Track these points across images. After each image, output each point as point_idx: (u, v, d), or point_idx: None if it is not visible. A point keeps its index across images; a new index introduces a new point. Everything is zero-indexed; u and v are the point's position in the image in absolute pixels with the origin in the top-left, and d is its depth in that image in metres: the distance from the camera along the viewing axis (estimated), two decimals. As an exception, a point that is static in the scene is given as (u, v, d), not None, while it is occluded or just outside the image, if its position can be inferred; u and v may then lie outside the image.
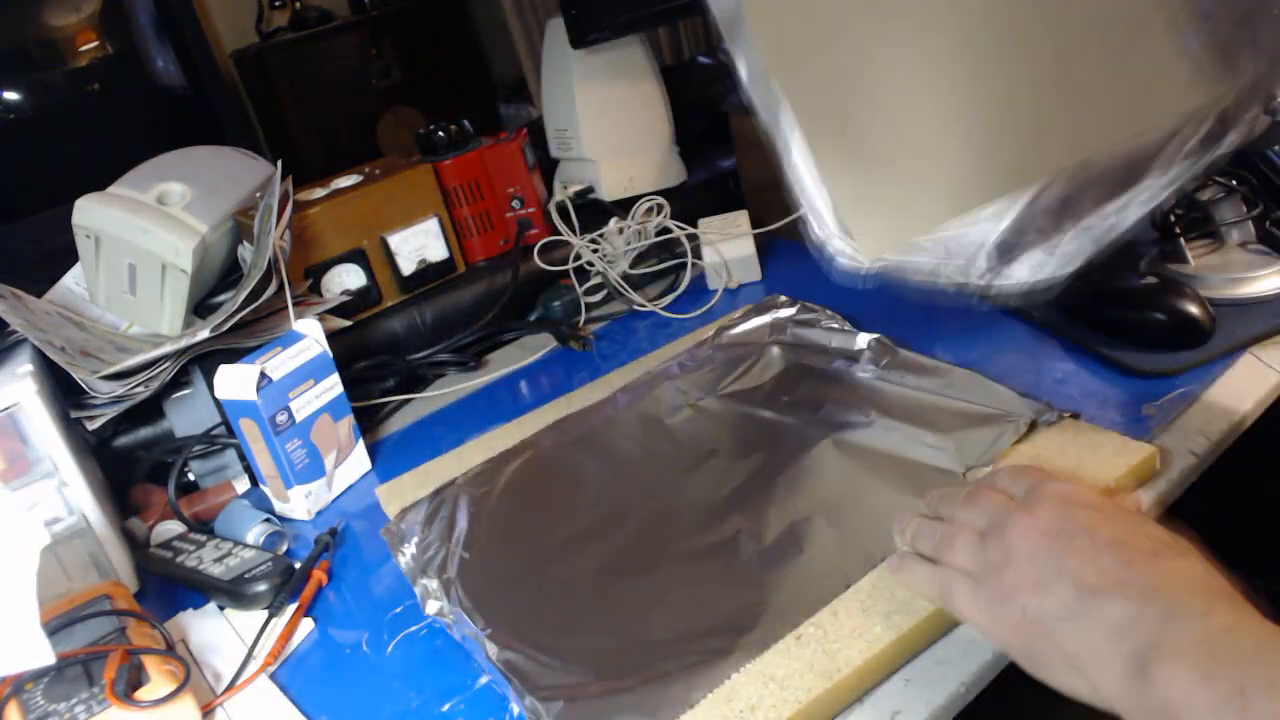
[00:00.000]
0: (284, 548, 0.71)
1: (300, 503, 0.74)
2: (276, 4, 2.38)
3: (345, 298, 0.92)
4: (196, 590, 0.67)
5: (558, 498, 0.67)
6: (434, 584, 0.60)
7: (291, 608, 0.63)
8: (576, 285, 1.00)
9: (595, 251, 1.00)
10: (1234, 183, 0.77)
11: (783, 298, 0.86)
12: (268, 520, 0.72)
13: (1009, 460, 0.58)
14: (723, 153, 1.18)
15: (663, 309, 0.97)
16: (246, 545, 0.69)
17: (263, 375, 0.71)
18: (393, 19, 2.44)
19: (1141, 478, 0.57)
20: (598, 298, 1.02)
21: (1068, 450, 0.58)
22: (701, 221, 1.01)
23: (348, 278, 0.95)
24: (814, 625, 0.50)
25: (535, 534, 0.64)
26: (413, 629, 0.59)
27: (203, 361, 0.79)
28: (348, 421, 0.79)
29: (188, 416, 0.82)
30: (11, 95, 1.99)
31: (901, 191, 0.54)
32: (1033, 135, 0.52)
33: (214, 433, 0.81)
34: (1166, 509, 0.57)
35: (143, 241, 0.84)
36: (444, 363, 0.96)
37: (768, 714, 0.45)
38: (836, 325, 0.80)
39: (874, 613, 0.50)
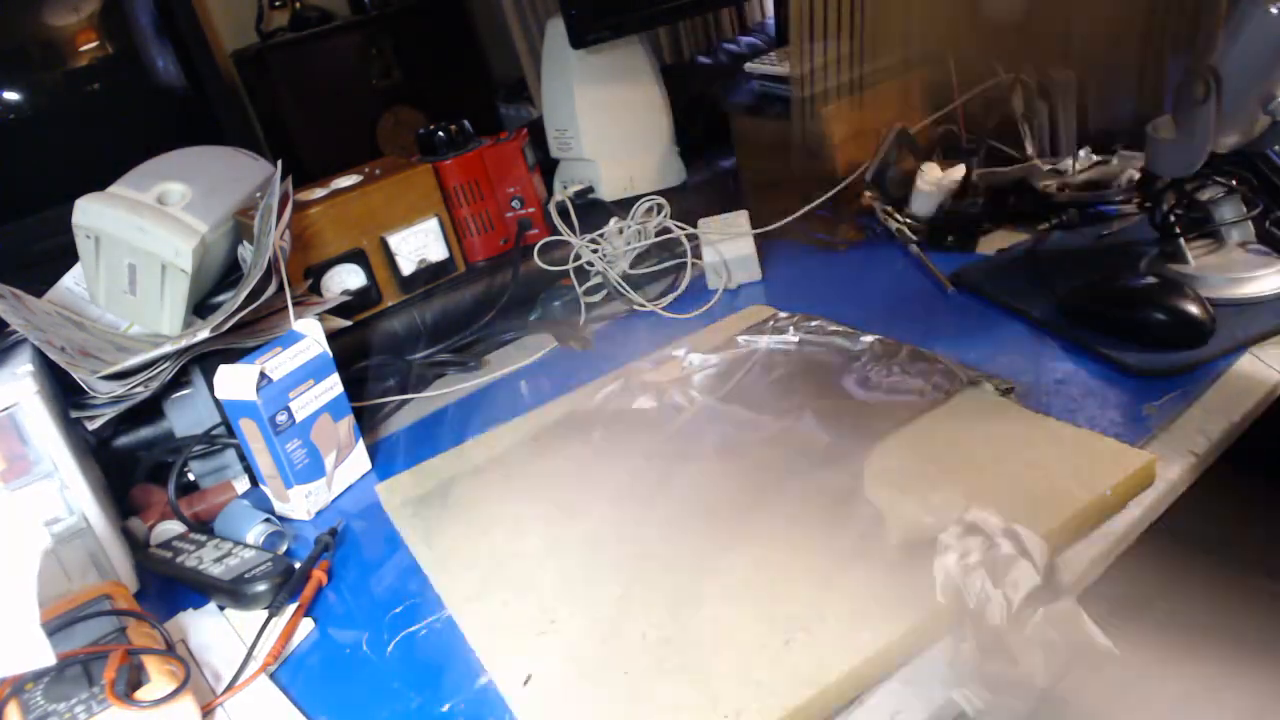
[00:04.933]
0: (284, 548, 0.71)
1: (300, 503, 0.74)
2: (276, 4, 2.38)
3: (345, 298, 0.92)
4: (196, 590, 0.67)
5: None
6: None
7: (291, 608, 0.63)
8: (576, 285, 1.00)
9: (595, 251, 1.00)
10: (1234, 183, 0.77)
11: (783, 314, 0.85)
12: (268, 520, 0.72)
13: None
14: (723, 153, 1.18)
15: (663, 309, 0.97)
16: (246, 545, 0.69)
17: (263, 375, 0.71)
18: (393, 19, 2.44)
19: (1138, 486, 0.57)
20: (598, 298, 1.02)
21: (1066, 455, 0.58)
22: (701, 221, 1.01)
23: (348, 278, 0.95)
24: (803, 631, 0.49)
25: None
26: (413, 629, 0.59)
27: (203, 361, 0.79)
28: (348, 421, 0.79)
29: (188, 416, 0.82)
30: (11, 95, 1.99)
31: None
32: None
33: (214, 433, 0.81)
34: (1167, 509, 0.57)
35: (143, 241, 0.84)
36: (444, 363, 0.96)
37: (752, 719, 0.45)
38: (837, 329, 0.80)
39: (863, 619, 0.49)
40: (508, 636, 0.55)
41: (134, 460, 0.81)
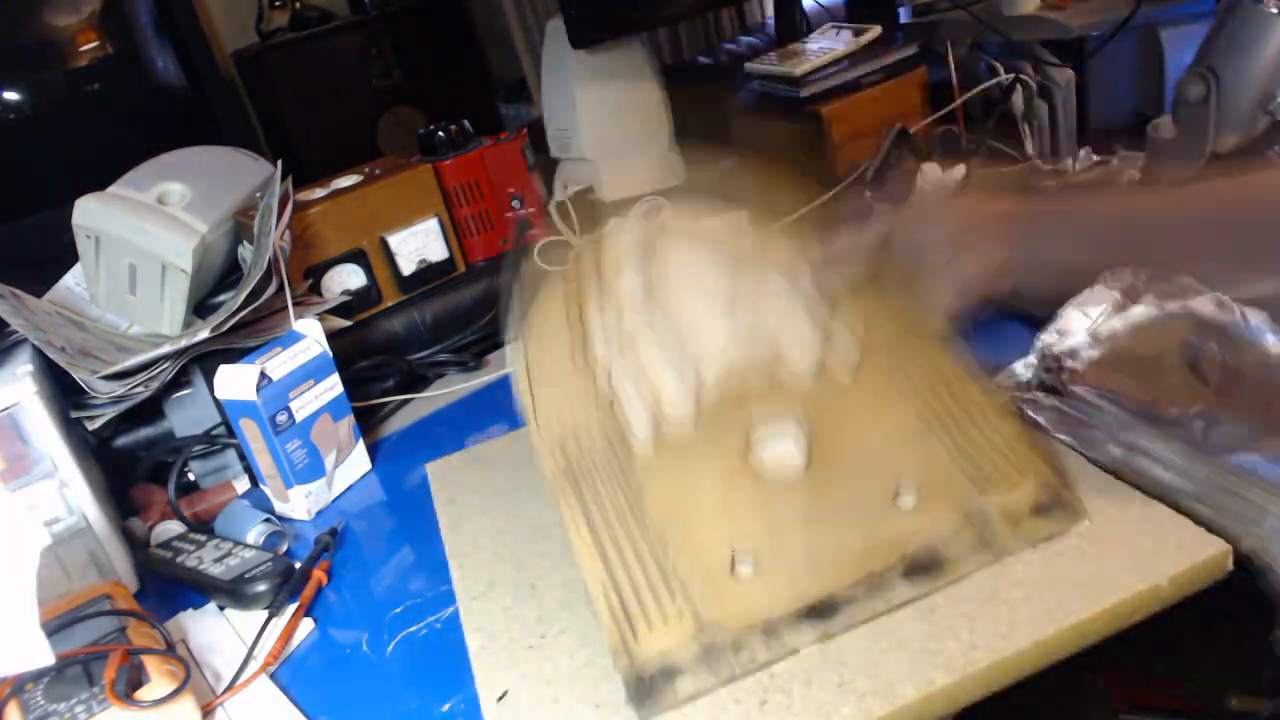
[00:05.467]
0: (284, 548, 0.71)
1: (300, 503, 0.74)
2: (276, 4, 2.38)
3: (345, 298, 0.92)
4: (196, 590, 0.67)
5: None
6: None
7: (291, 608, 0.63)
8: (576, 285, 1.00)
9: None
10: (1234, 183, 0.77)
11: None
12: (268, 520, 0.72)
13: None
14: (723, 153, 1.18)
15: (663, 309, 0.97)
16: (246, 545, 0.69)
17: (263, 375, 0.71)
18: (393, 19, 2.44)
19: (1207, 577, 0.49)
20: (598, 298, 1.02)
21: (1125, 532, 0.52)
22: (701, 221, 1.01)
23: (348, 278, 0.95)
24: (782, 693, 0.46)
25: None
26: (413, 629, 0.59)
27: (203, 361, 0.79)
28: (348, 421, 0.79)
29: (188, 416, 0.82)
30: (11, 95, 1.99)
31: None
32: None
33: (214, 433, 0.81)
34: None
35: (143, 241, 0.84)
36: (444, 363, 0.96)
37: None
38: None
39: (849, 690, 0.46)
40: (499, 645, 0.55)
41: (134, 460, 0.81)
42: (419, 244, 0.98)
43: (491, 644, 0.55)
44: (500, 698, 0.51)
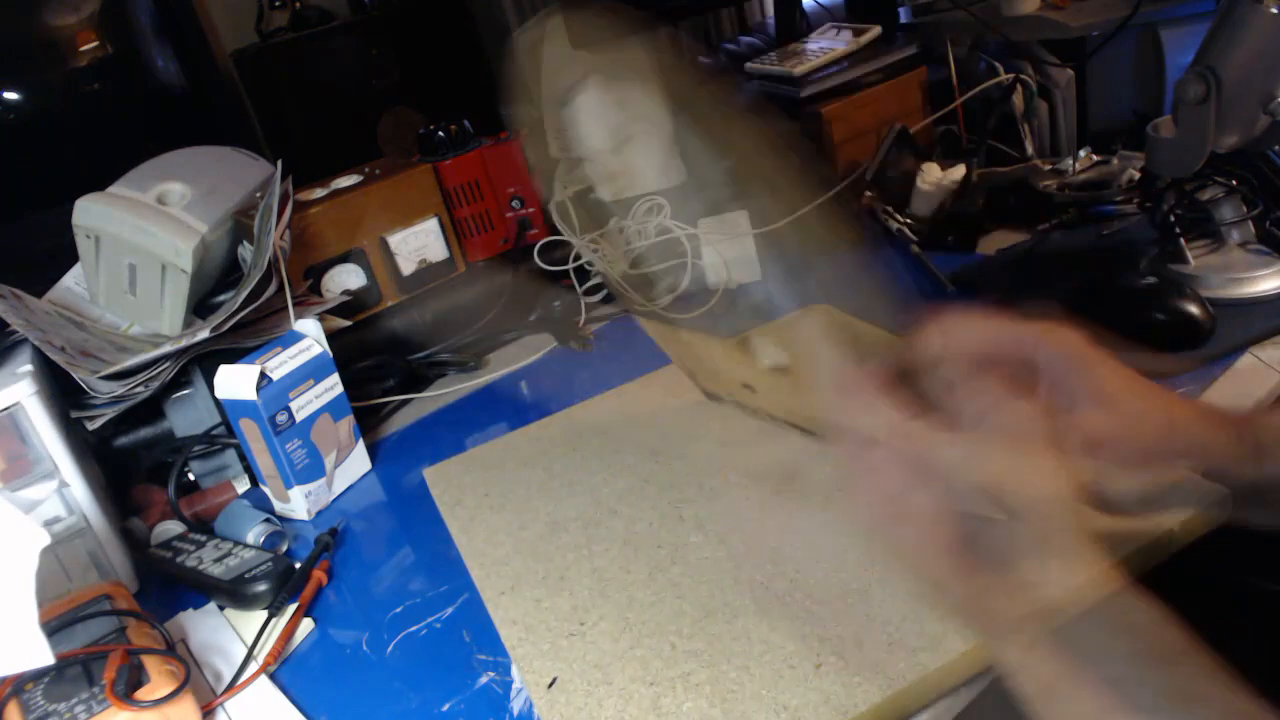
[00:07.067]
0: (284, 548, 0.71)
1: (300, 503, 0.74)
2: (276, 4, 2.37)
3: (345, 298, 0.92)
4: (196, 590, 0.67)
5: None
6: None
7: (291, 608, 0.63)
8: (576, 285, 1.00)
9: (595, 251, 1.00)
10: (1234, 183, 0.77)
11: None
12: (268, 520, 0.72)
13: None
14: (724, 153, 1.18)
15: (663, 309, 0.97)
16: (246, 545, 0.69)
17: (263, 375, 0.71)
18: (393, 19, 2.44)
19: (1211, 521, 0.52)
20: (598, 298, 1.02)
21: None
22: (701, 221, 1.01)
23: (348, 278, 0.95)
24: (835, 655, 0.48)
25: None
26: (413, 629, 0.59)
27: (203, 361, 0.79)
28: (348, 421, 0.79)
29: (188, 416, 0.82)
30: (11, 95, 1.99)
31: None
32: None
33: (214, 433, 0.81)
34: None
35: (143, 241, 0.84)
36: (444, 363, 0.96)
37: None
38: None
39: (900, 647, 0.48)
40: (538, 635, 0.55)
41: (134, 460, 0.81)
42: (419, 244, 0.98)
43: (530, 635, 0.55)
44: (550, 684, 0.51)
